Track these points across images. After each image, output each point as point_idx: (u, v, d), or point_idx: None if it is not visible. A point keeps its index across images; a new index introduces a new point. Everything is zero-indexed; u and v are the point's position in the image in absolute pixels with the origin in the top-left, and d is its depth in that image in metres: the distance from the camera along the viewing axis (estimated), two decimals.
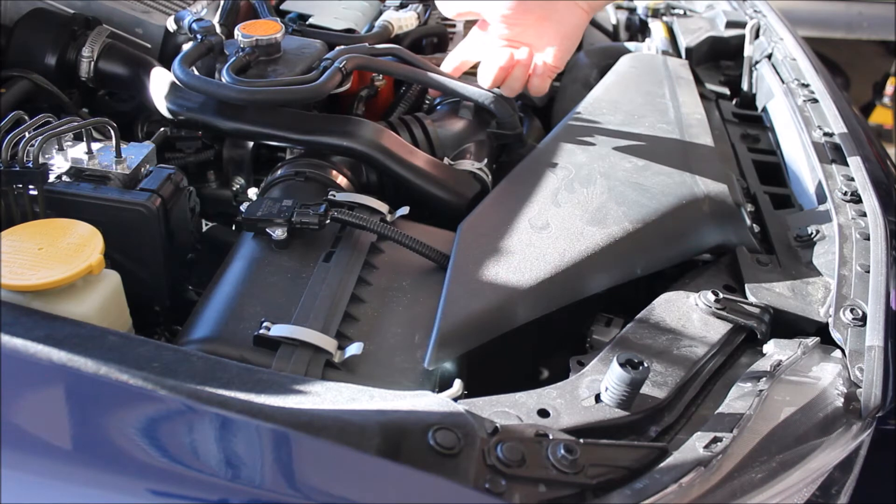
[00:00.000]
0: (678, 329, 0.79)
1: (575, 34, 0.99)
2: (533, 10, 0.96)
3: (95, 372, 0.57)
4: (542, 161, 0.99)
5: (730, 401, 0.70)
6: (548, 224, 0.87)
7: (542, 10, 0.96)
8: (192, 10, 1.14)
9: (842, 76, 3.47)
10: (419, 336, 0.76)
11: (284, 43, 1.06)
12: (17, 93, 1.04)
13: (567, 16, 0.95)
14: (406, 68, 1.11)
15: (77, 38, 1.09)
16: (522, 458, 0.58)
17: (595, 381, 0.70)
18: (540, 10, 0.96)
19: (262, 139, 1.01)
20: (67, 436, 0.56)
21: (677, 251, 0.90)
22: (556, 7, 0.95)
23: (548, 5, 0.96)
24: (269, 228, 0.83)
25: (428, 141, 1.07)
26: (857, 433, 0.72)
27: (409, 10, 1.32)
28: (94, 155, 0.89)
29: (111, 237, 0.76)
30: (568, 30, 0.97)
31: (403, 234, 0.85)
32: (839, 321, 0.78)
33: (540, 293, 0.80)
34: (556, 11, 0.96)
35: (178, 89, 1.01)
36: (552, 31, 0.97)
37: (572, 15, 0.95)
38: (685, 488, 0.60)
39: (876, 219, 0.91)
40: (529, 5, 0.96)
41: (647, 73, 1.26)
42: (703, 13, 1.63)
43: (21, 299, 0.69)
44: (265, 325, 0.71)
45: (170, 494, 0.54)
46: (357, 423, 0.57)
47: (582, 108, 1.13)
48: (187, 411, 0.56)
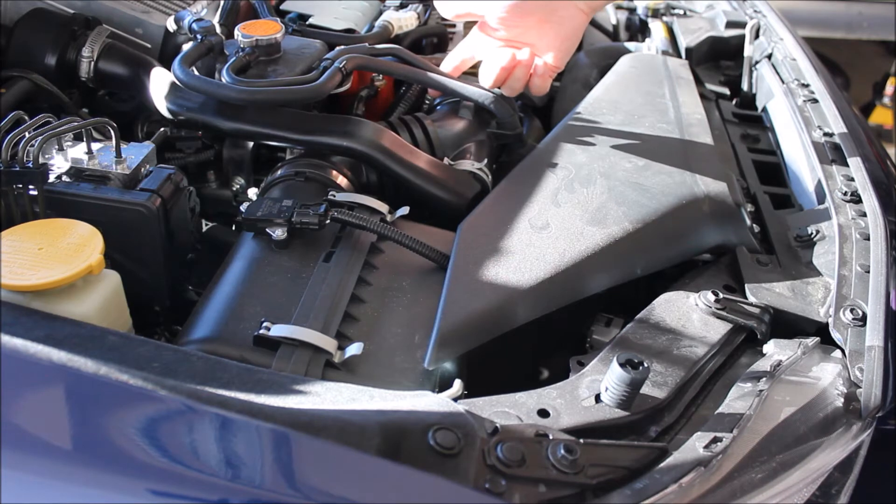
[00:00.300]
0: (678, 329, 0.79)
1: (575, 35, 0.99)
2: (532, 11, 0.96)
3: (95, 372, 0.57)
4: (542, 161, 0.99)
5: (730, 401, 0.70)
6: (548, 224, 0.87)
7: (542, 12, 0.96)
8: (192, 10, 1.14)
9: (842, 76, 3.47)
10: (419, 336, 0.76)
11: (284, 43, 1.06)
12: (17, 93, 1.04)
13: (567, 17, 0.96)
14: (406, 68, 1.11)
15: (77, 38, 1.09)
16: (522, 458, 0.58)
17: (595, 381, 0.70)
18: (539, 12, 0.96)
19: (262, 139, 1.01)
20: (67, 436, 0.56)
21: (677, 251, 0.90)
22: (556, 8, 0.96)
23: (547, 6, 0.96)
24: (269, 228, 0.83)
25: (428, 141, 1.07)
26: (857, 433, 0.72)
27: (409, 10, 1.32)
28: (94, 155, 0.89)
29: (111, 237, 0.76)
30: (568, 31, 0.98)
31: (403, 234, 0.85)
32: (839, 321, 0.78)
33: (540, 293, 0.80)
34: (555, 13, 0.96)
35: (178, 89, 1.01)
36: (552, 33, 0.98)
37: (572, 16, 0.96)
38: (685, 488, 0.60)
39: (876, 219, 0.91)
40: (528, 7, 0.96)
41: (647, 73, 1.26)
42: (703, 13, 1.63)
43: (21, 299, 0.69)
44: (265, 325, 0.71)
45: (170, 494, 0.54)
46: (357, 423, 0.57)
47: (582, 108, 1.13)
48: (187, 411, 0.56)
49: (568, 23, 0.96)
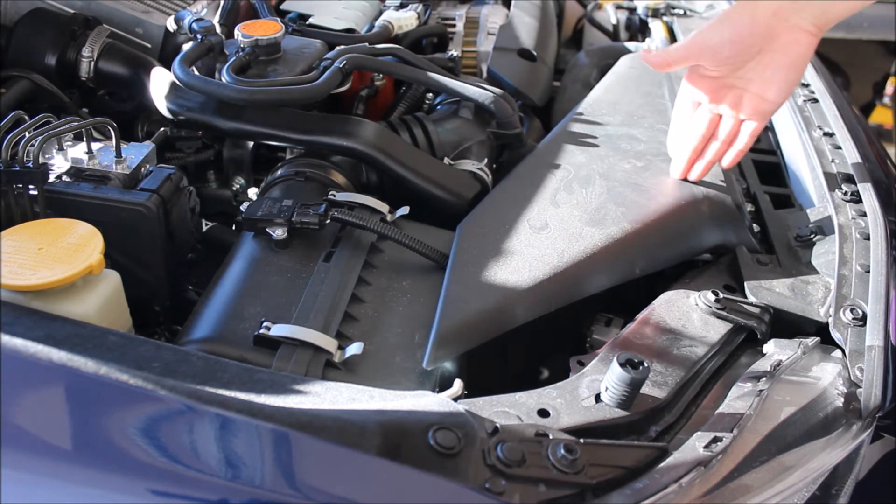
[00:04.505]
0: (678, 329, 0.79)
1: (799, 63, 0.86)
2: (754, 43, 0.85)
3: (95, 372, 0.57)
4: (542, 161, 0.99)
5: (730, 401, 0.70)
6: (547, 224, 0.87)
7: (762, 41, 0.85)
8: (192, 10, 1.15)
9: (842, 76, 3.46)
10: (419, 336, 0.76)
11: (284, 43, 1.06)
12: (17, 93, 1.04)
13: (790, 43, 0.84)
14: (406, 68, 1.11)
15: (77, 38, 1.09)
16: (522, 458, 0.58)
17: (595, 381, 0.70)
18: (760, 42, 0.85)
19: (262, 139, 1.01)
20: (67, 436, 0.56)
21: (677, 251, 0.90)
22: (778, 34, 0.84)
23: (767, 34, 0.85)
24: (269, 228, 0.83)
25: (428, 141, 1.07)
26: (857, 433, 0.72)
27: (409, 10, 1.32)
28: (94, 155, 0.89)
29: (111, 237, 0.76)
30: (792, 58, 0.86)
31: (403, 233, 0.85)
32: (839, 321, 0.78)
33: (539, 293, 0.80)
34: (776, 40, 0.85)
35: (178, 89, 1.01)
36: (773, 64, 0.86)
37: (796, 41, 0.84)
38: (685, 488, 0.60)
39: (876, 219, 0.91)
40: (748, 38, 0.85)
41: (647, 74, 1.26)
42: (703, 13, 1.63)
43: (21, 299, 0.69)
44: (265, 324, 0.71)
45: (170, 494, 0.55)
46: (357, 423, 0.57)
47: (582, 109, 1.13)
48: (187, 411, 0.56)
49: (792, 49, 0.84)
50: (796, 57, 0.85)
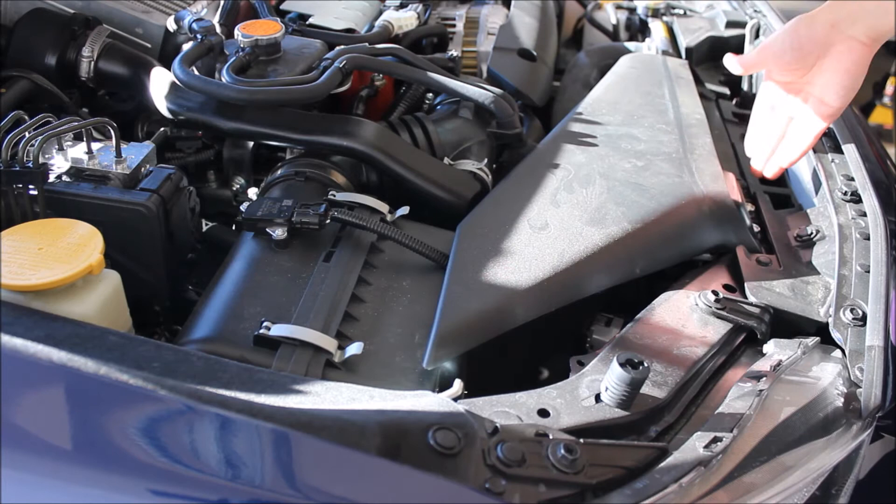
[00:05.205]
0: (678, 329, 0.79)
1: (856, 69, 0.94)
2: (812, 51, 0.94)
3: (95, 372, 0.57)
4: (542, 161, 0.99)
5: (730, 401, 0.70)
6: (547, 224, 0.87)
7: (818, 49, 0.94)
8: (192, 10, 1.15)
9: None
10: (419, 336, 0.76)
11: (284, 43, 1.06)
12: (17, 93, 1.04)
13: (844, 51, 0.92)
14: (406, 68, 1.11)
15: (77, 38, 1.09)
16: (522, 457, 0.58)
17: (595, 381, 0.70)
18: (818, 50, 0.94)
19: (262, 139, 1.01)
20: (67, 436, 0.56)
21: (677, 251, 0.90)
22: (832, 43, 0.92)
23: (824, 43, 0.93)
24: (269, 228, 0.83)
25: (428, 141, 1.07)
26: (857, 433, 0.72)
27: (409, 10, 1.32)
28: (94, 155, 0.89)
29: (111, 237, 0.76)
30: (847, 64, 0.93)
31: (403, 233, 0.85)
32: (839, 321, 0.78)
33: (539, 293, 0.80)
34: (831, 48, 0.93)
35: (178, 89, 1.01)
36: (830, 69, 0.94)
37: (850, 49, 0.92)
38: (685, 488, 0.60)
39: (876, 219, 0.91)
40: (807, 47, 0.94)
41: (647, 74, 1.26)
42: (703, 13, 1.63)
43: (21, 299, 0.69)
44: (265, 324, 0.71)
45: (170, 494, 0.54)
46: (357, 423, 0.57)
47: (582, 108, 1.13)
48: (187, 411, 0.56)
49: (846, 57, 0.92)
50: (850, 64, 0.93)
